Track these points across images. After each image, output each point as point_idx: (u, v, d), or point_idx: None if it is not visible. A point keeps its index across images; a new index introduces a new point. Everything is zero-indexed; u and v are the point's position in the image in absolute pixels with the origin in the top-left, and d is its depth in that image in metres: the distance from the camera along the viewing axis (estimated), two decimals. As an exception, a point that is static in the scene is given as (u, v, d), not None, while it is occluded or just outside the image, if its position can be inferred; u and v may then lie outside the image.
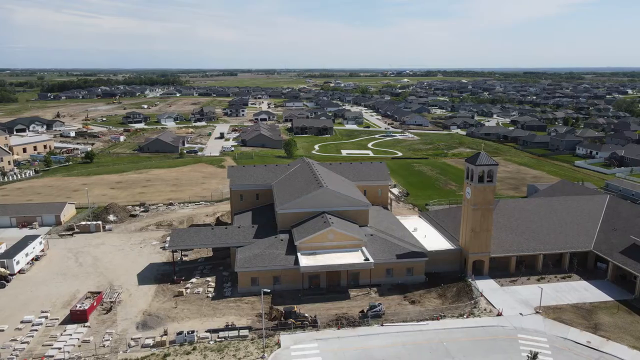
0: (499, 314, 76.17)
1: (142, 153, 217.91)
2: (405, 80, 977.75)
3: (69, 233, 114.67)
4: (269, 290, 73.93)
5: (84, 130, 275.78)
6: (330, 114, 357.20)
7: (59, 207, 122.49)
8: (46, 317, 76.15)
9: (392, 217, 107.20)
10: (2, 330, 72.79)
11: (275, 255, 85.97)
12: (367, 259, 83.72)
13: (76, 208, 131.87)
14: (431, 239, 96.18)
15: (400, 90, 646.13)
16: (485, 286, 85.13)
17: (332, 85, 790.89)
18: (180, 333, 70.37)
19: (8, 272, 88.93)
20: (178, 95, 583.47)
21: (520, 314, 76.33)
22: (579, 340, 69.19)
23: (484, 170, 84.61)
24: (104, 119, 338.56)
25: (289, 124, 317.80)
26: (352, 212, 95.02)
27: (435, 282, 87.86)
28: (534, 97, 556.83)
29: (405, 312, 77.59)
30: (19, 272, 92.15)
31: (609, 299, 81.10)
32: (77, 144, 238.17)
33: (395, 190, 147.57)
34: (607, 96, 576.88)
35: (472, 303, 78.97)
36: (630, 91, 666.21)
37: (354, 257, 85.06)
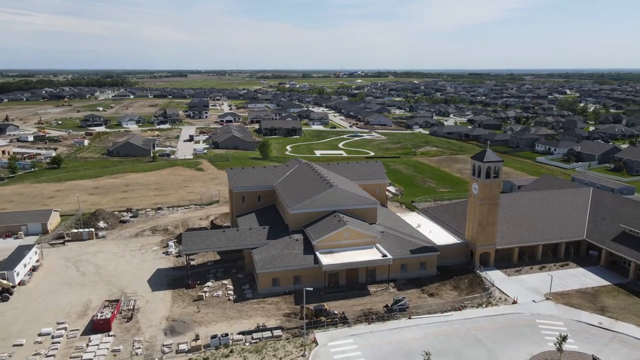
0: (514, 302, 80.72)
1: (112, 157, 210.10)
2: (359, 81, 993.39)
3: (60, 242, 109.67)
4: (311, 289, 74.78)
5: (42, 134, 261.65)
6: (294, 115, 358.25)
7: (45, 214, 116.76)
8: (65, 329, 73.12)
9: (394, 215, 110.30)
10: (21, 345, 69.31)
11: (293, 255, 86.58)
12: (385, 255, 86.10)
13: (60, 215, 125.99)
14: (436, 234, 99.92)
15: (356, 91, 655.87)
16: (494, 277, 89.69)
17: (287, 86, 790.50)
18: (214, 337, 69.81)
19: (11, 284, 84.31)
20: (132, 97, 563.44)
21: (533, 301, 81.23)
22: (591, 322, 74.76)
23: (491, 166, 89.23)
24: (59, 122, 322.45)
25: (256, 126, 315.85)
26: (361, 210, 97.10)
27: (445, 275, 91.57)
28: (484, 97, 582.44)
29: (426, 304, 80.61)
30: (19, 283, 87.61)
31: (607, 283, 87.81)
32: (38, 148, 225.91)
33: (392, 189, 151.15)
34: (549, 96, 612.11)
35: (488, 293, 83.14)
36: (568, 91, 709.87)
37: (370, 254, 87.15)
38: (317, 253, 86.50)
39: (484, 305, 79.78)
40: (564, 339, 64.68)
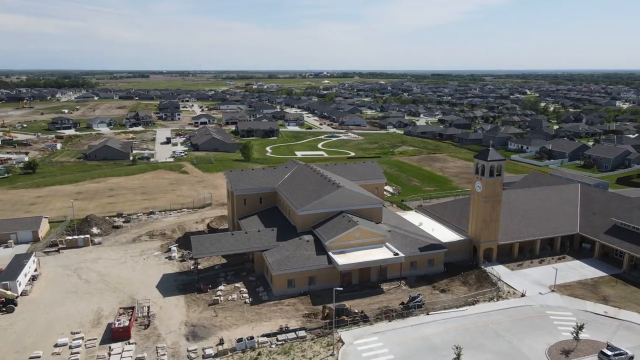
0: (523, 295, 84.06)
1: (89, 161, 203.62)
2: (326, 81, 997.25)
3: (54, 249, 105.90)
4: (341, 289, 75.56)
5: (8, 138, 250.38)
6: (269, 116, 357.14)
7: (35, 222, 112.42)
8: (82, 338, 71.02)
9: (394, 214, 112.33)
10: (39, 357, 66.90)
11: (307, 256, 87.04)
12: (396, 254, 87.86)
13: (48, 222, 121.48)
14: (439, 232, 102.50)
15: (325, 92, 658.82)
16: (498, 271, 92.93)
17: (255, 87, 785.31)
18: (240, 340, 69.50)
19: (15, 294, 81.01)
20: (96, 98, 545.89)
21: (540, 293, 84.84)
22: (597, 311, 78.82)
23: (494, 165, 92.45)
24: (24, 125, 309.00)
25: (231, 127, 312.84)
26: (367, 210, 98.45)
27: (452, 271, 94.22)
28: (450, 98, 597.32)
29: (440, 300, 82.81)
30: (22, 293, 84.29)
31: (603, 274, 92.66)
32: (8, 153, 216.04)
33: (390, 188, 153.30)
34: (511, 96, 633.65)
35: (497, 288, 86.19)
36: (528, 92, 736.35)
37: (382, 253, 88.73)
38: (330, 253, 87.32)
39: (495, 299, 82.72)
40: (580, 328, 68.19)
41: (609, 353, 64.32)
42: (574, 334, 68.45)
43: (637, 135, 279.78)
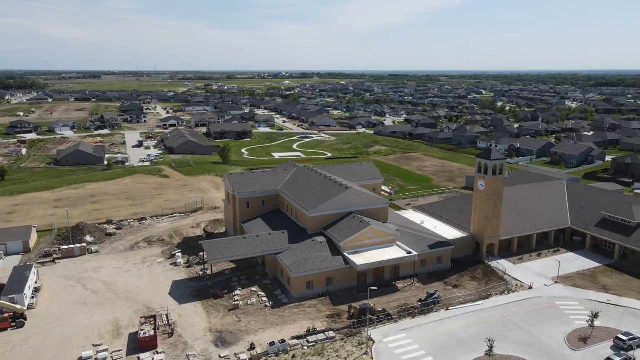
0: (531, 287, 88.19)
1: (61, 166, 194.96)
2: (287, 82, 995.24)
3: (48, 260, 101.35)
4: (375, 288, 76.57)
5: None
6: (238, 117, 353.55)
7: (25, 232, 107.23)
8: (107, 350, 68.76)
9: (395, 213, 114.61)
10: (65, 372, 64.37)
11: (323, 258, 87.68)
12: (409, 252, 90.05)
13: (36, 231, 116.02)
14: (441, 230, 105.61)
15: (287, 93, 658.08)
16: (502, 266, 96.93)
17: (215, 88, 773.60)
18: (272, 344, 69.40)
19: (25, 308, 77.21)
20: (50, 100, 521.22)
21: (545, 285, 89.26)
22: (601, 300, 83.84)
23: (497, 164, 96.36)
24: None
25: (202, 129, 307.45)
26: (374, 211, 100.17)
27: (458, 267, 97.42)
28: (410, 98, 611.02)
29: (455, 296, 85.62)
30: (28, 307, 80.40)
31: (598, 264, 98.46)
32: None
33: (387, 188, 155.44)
34: (468, 96, 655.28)
35: (505, 281, 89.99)
36: (483, 92, 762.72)
37: (395, 252, 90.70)
38: (346, 254, 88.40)
39: (506, 293, 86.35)
40: (595, 315, 72.52)
41: (624, 338, 68.83)
42: (590, 322, 72.69)
43: (592, 133, 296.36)
